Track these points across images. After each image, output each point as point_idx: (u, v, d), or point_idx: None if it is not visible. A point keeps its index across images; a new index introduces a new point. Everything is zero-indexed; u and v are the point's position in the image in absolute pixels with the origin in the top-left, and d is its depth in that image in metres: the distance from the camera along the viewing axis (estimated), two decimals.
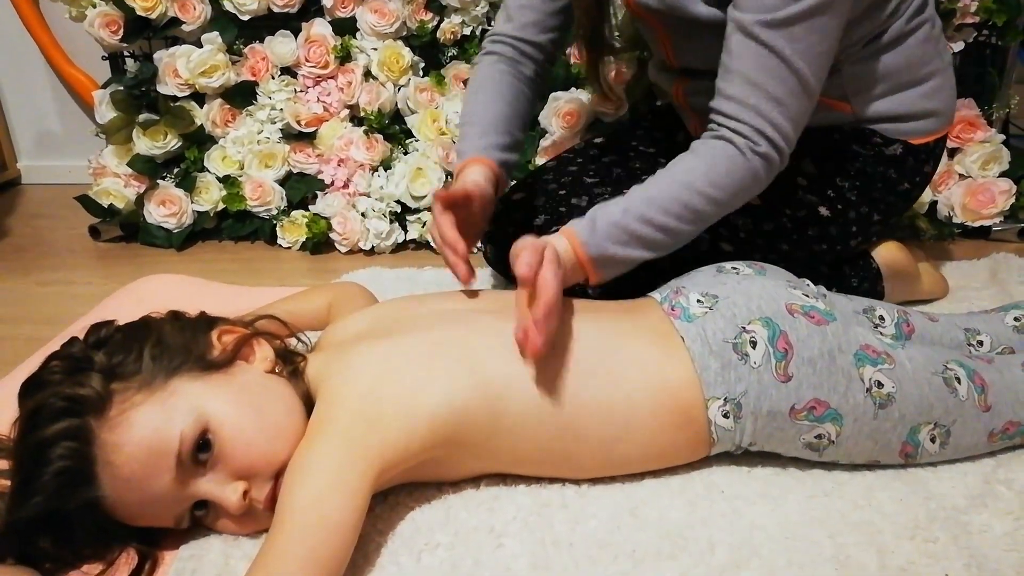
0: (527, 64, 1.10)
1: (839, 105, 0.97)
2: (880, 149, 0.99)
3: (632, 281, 0.88)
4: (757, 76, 0.82)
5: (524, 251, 0.76)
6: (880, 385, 0.76)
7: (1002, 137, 1.42)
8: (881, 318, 0.93)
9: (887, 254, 1.13)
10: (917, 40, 0.96)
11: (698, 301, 0.80)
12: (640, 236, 0.83)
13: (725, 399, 0.76)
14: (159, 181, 1.55)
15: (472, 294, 0.89)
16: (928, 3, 0.97)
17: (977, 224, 1.43)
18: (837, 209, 1.01)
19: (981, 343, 0.95)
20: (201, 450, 0.68)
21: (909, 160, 1.00)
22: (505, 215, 1.17)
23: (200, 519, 0.72)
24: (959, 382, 0.79)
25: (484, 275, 1.32)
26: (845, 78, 0.95)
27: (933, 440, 0.79)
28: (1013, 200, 1.41)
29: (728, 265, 0.87)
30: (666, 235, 0.84)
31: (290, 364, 0.79)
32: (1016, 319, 0.97)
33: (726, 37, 0.84)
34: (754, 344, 0.76)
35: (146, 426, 0.66)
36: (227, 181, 1.54)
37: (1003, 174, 1.42)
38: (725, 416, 0.76)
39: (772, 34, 0.80)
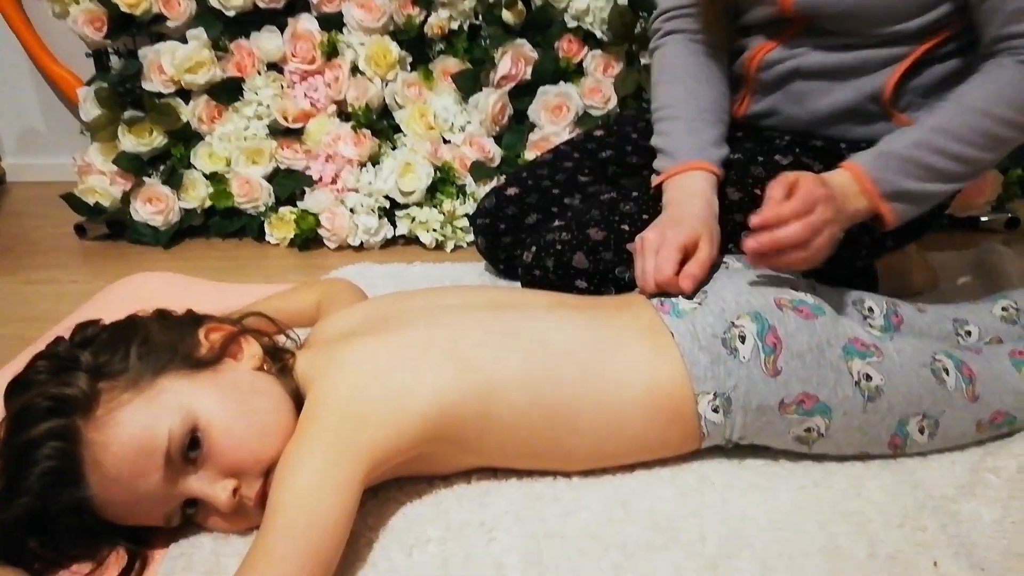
0: (714, 31, 0.99)
1: (904, 120, 0.91)
2: None
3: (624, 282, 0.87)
4: None
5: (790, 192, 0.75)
6: (869, 378, 0.77)
7: None
8: (870, 310, 0.93)
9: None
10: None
11: (687, 297, 0.80)
12: (937, 169, 0.79)
13: (715, 394, 0.76)
14: (145, 178, 1.54)
15: (463, 289, 0.89)
16: None
17: (965, 215, 1.44)
18: (851, 233, 0.96)
19: (969, 333, 0.95)
20: (190, 448, 0.68)
21: None
22: (497, 209, 1.16)
23: (190, 517, 0.72)
24: (947, 373, 0.79)
25: (477, 268, 1.32)
26: (922, 82, 0.90)
27: (922, 431, 0.79)
28: (1001, 190, 1.42)
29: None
30: (966, 165, 0.80)
31: (278, 361, 0.78)
32: (1004, 309, 0.97)
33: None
34: (743, 339, 0.76)
35: (133, 425, 0.66)
36: (214, 178, 1.54)
37: None
38: (715, 411, 0.76)
39: None
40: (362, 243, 1.48)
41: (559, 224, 0.94)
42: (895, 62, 0.89)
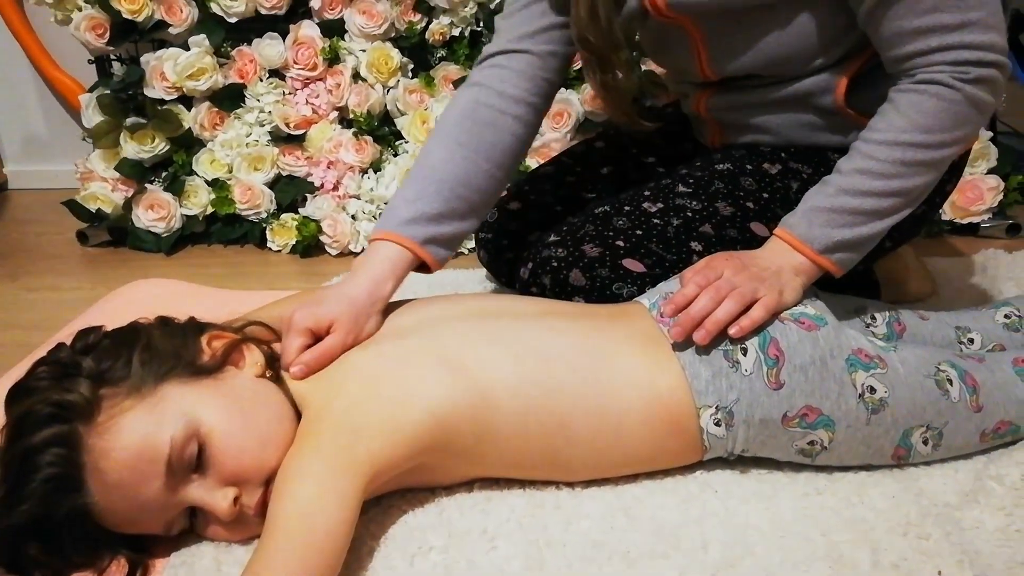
0: (519, 87, 0.93)
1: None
2: None
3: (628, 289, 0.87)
4: (925, 21, 0.75)
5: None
6: (872, 390, 0.76)
7: (990, 134, 1.43)
8: (873, 318, 0.93)
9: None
10: None
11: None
12: (866, 210, 0.78)
13: (717, 407, 0.75)
14: (147, 185, 1.54)
15: (456, 298, 0.88)
16: None
17: (966, 221, 1.44)
18: None
19: (972, 341, 0.95)
20: (191, 456, 0.67)
21: None
22: (500, 224, 1.16)
23: (192, 525, 0.72)
24: (951, 384, 0.79)
25: (477, 275, 1.31)
26: (877, 83, 0.88)
27: (926, 442, 0.79)
28: (1001, 197, 1.42)
29: None
30: (898, 197, 0.79)
31: (280, 369, 0.78)
32: (1006, 316, 0.97)
33: (864, 15, 0.79)
34: (745, 351, 0.76)
35: (135, 432, 0.66)
36: (216, 184, 1.54)
37: (991, 171, 1.42)
38: (717, 424, 0.76)
39: None
40: (363, 250, 1.48)
41: (554, 239, 0.93)
42: (835, 84, 0.89)
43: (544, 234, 0.97)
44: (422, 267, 0.88)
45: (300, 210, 1.52)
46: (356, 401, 0.71)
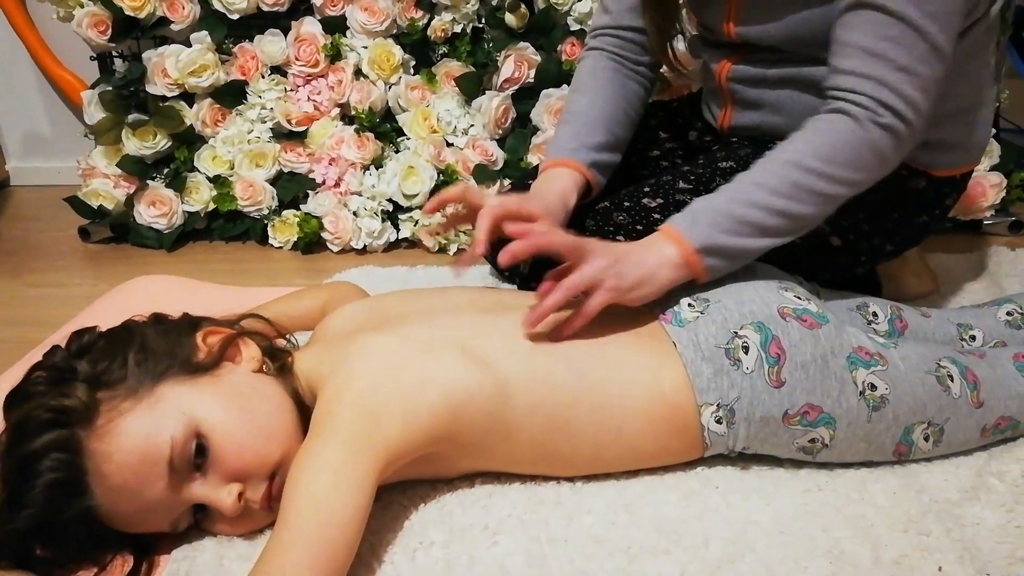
0: (633, 55, 1.04)
1: None
2: (904, 182, 0.93)
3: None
4: (877, 46, 0.76)
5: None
6: (873, 388, 0.76)
7: (992, 131, 1.43)
8: (874, 314, 0.93)
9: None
10: (984, 60, 0.89)
11: (689, 305, 0.79)
12: (751, 222, 0.78)
13: (718, 405, 0.75)
14: (149, 182, 1.54)
15: (466, 291, 0.88)
16: (996, 24, 0.90)
17: (968, 218, 1.44)
18: (849, 240, 0.96)
19: (974, 338, 0.95)
20: (193, 455, 0.68)
21: (930, 193, 0.95)
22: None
23: (198, 522, 0.72)
24: (952, 380, 0.79)
25: (480, 272, 1.32)
26: None
27: (927, 439, 0.79)
28: (1004, 193, 1.42)
29: None
30: (783, 219, 0.78)
31: (277, 362, 0.78)
32: (1008, 313, 0.97)
33: (839, 11, 0.79)
34: (746, 349, 0.76)
35: (136, 434, 0.66)
36: (218, 181, 1.54)
37: (994, 168, 1.42)
38: (718, 422, 0.76)
39: None
40: (365, 246, 1.48)
41: None
42: None
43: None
44: (584, 195, 0.96)
45: (302, 206, 1.52)
46: (374, 384, 0.71)
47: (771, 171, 0.79)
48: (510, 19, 1.45)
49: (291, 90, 1.53)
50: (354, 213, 1.48)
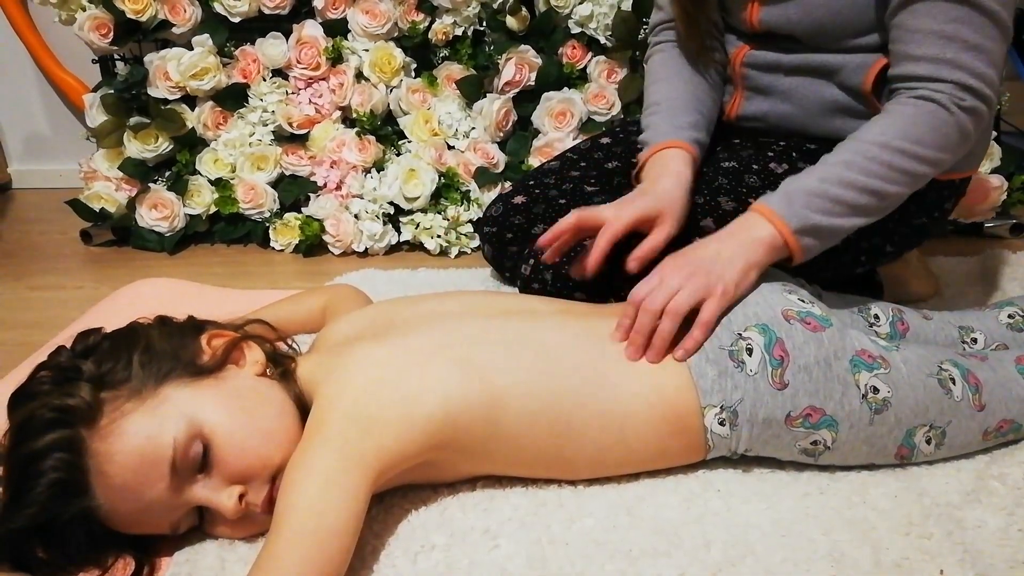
0: (697, 40, 1.04)
1: None
2: None
3: (629, 282, 0.87)
4: (949, 29, 0.79)
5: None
6: (876, 390, 0.76)
7: (993, 134, 1.43)
8: (876, 317, 0.93)
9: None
10: None
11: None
12: (844, 201, 0.81)
13: (721, 407, 0.75)
14: (150, 184, 1.54)
15: (468, 295, 0.88)
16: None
17: (970, 221, 1.44)
18: (849, 239, 0.95)
19: (975, 340, 0.95)
20: (196, 457, 0.68)
21: (931, 195, 0.94)
22: (504, 218, 1.16)
23: (199, 525, 0.72)
24: (954, 383, 0.79)
25: (481, 274, 1.32)
26: None
27: (929, 442, 0.79)
28: (1005, 196, 1.42)
29: None
30: (874, 197, 0.81)
31: (280, 366, 0.78)
32: (1010, 316, 0.97)
33: (897, 3, 0.82)
34: (750, 351, 0.76)
35: (138, 435, 0.66)
36: (219, 184, 1.54)
37: (995, 171, 1.42)
38: (721, 424, 0.76)
39: None
40: (366, 249, 1.48)
41: None
42: (870, 64, 0.90)
43: (546, 229, 0.97)
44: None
45: (303, 209, 1.52)
46: (368, 394, 0.71)
47: (861, 152, 0.82)
48: (511, 22, 1.46)
49: (292, 93, 1.53)
50: (355, 216, 1.48)
